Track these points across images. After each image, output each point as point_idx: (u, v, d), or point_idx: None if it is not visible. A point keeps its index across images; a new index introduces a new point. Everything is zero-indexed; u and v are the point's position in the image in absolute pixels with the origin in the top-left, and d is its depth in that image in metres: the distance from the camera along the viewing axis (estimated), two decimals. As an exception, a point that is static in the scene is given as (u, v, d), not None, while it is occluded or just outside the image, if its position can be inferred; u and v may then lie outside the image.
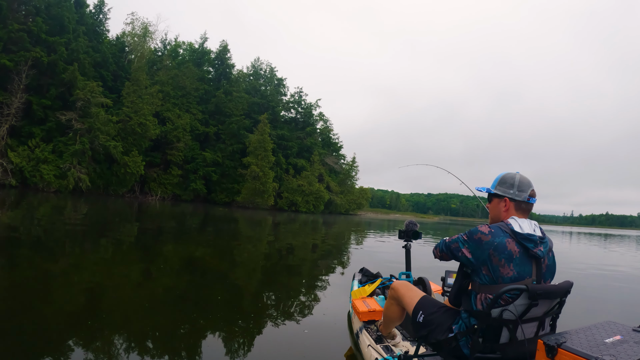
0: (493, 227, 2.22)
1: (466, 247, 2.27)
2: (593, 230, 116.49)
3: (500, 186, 2.40)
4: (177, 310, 4.74)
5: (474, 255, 2.22)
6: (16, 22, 35.18)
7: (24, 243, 8.49)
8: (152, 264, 7.79)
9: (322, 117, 67.92)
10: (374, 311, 3.70)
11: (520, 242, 2.15)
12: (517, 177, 2.37)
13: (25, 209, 17.32)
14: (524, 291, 2.03)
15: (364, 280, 4.86)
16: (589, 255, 19.29)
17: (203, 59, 59.13)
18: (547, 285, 2.15)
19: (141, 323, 4.22)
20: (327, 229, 23.90)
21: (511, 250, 2.13)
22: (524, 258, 2.15)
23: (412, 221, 4.32)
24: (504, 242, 2.13)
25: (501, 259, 2.12)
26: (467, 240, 2.27)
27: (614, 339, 1.84)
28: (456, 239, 2.36)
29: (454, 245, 2.36)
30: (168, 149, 47.61)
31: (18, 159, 34.40)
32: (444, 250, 2.46)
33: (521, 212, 2.34)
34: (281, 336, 4.11)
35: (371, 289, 4.34)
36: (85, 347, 3.37)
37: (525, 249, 2.16)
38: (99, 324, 3.94)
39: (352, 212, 68.63)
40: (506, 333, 2.12)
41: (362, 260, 9.87)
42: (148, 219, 19.73)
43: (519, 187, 2.34)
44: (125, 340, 3.63)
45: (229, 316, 4.71)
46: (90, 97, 37.28)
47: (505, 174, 2.43)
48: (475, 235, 2.22)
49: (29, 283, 5.32)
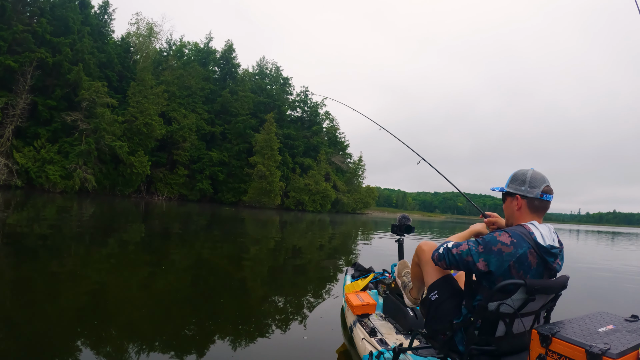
0: (514, 236, 2.03)
1: (482, 260, 2.04)
2: (600, 228, 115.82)
3: (512, 183, 2.25)
4: (183, 310, 4.78)
5: (493, 267, 2.02)
6: (21, 23, 35.03)
7: (30, 244, 8.44)
8: (158, 265, 7.71)
9: (328, 116, 67.61)
10: (367, 305, 3.71)
11: (541, 255, 2.04)
12: (529, 173, 2.21)
13: (31, 210, 17.16)
14: (521, 286, 1.96)
15: (356, 275, 4.93)
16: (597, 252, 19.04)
17: (208, 59, 58.84)
18: (544, 281, 2.07)
19: (147, 323, 4.25)
20: (334, 229, 23.69)
21: (531, 261, 2.02)
22: (539, 269, 2.06)
23: (404, 215, 4.27)
24: (526, 254, 2.01)
25: (520, 270, 2.01)
26: (484, 252, 2.04)
27: (606, 328, 1.85)
28: (467, 250, 2.11)
29: (468, 258, 2.10)
30: (174, 148, 47.41)
31: (24, 160, 34.25)
32: (452, 262, 2.18)
33: (534, 211, 2.18)
34: (280, 336, 4.11)
35: (364, 283, 4.43)
36: (91, 347, 3.39)
37: (543, 262, 2.06)
38: (105, 324, 3.97)
39: (359, 211, 68.21)
40: (502, 326, 2.07)
41: (368, 260, 9.81)
42: (154, 219, 19.60)
43: (531, 183, 2.17)
44: (130, 341, 3.65)
45: (232, 317, 4.68)
46: (96, 97, 37.09)
47: (517, 170, 2.28)
48: (495, 246, 2.02)
49: (36, 283, 5.36)
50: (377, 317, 3.82)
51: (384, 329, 3.53)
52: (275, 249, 11.56)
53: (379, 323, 3.66)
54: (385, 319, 3.82)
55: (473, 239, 2.17)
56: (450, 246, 2.21)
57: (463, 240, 2.25)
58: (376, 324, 3.62)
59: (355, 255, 11.25)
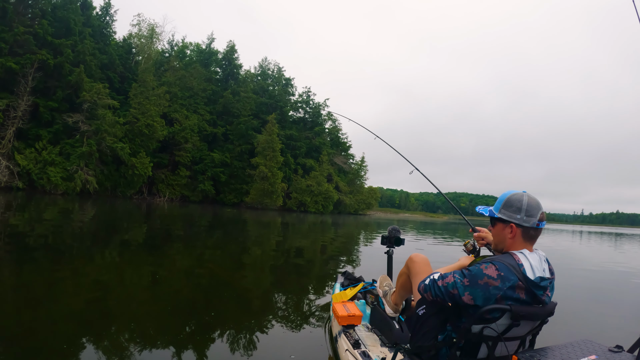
0: (501, 269, 1.95)
1: (468, 294, 1.99)
2: (603, 229, 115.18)
3: (505, 209, 2.12)
4: (185, 312, 4.77)
5: (478, 301, 1.96)
6: (22, 25, 34.91)
7: (32, 245, 8.40)
8: (160, 266, 7.66)
9: (330, 117, 67.35)
10: (353, 316, 3.64)
11: (529, 288, 1.96)
12: (525, 200, 2.08)
13: (33, 212, 17.04)
14: (506, 311, 1.92)
15: (346, 283, 4.85)
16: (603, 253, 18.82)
17: (210, 60, 58.74)
18: (530, 307, 1.98)
19: (148, 325, 4.23)
20: (336, 230, 23.51)
21: (518, 295, 1.95)
22: (527, 301, 1.99)
23: (395, 227, 4.26)
24: (514, 288, 1.94)
25: (507, 304, 1.93)
26: (469, 286, 1.99)
27: (588, 359, 1.82)
28: (453, 282, 2.05)
29: (453, 290, 2.05)
30: (176, 150, 47.31)
31: (25, 162, 34.15)
32: (438, 294, 2.14)
33: (529, 239, 2.10)
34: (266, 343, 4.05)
35: (352, 292, 4.34)
36: (94, 348, 3.40)
37: (532, 295, 1.98)
38: (107, 325, 4.01)
39: (362, 212, 68.09)
40: (484, 349, 2.03)
41: (368, 264, 9.82)
42: (156, 220, 19.45)
43: (527, 211, 2.06)
44: (132, 341, 3.65)
45: (229, 321, 4.66)
46: (97, 99, 36.98)
47: (510, 195, 2.13)
48: (481, 280, 1.96)
49: (37, 284, 5.35)
50: (363, 328, 3.74)
51: (369, 340, 3.46)
52: (276, 251, 11.44)
53: (364, 334, 3.60)
54: (371, 330, 3.74)
55: (459, 270, 2.09)
56: (437, 277, 2.16)
57: (450, 272, 2.16)
58: (361, 335, 3.57)
59: (354, 260, 11.07)
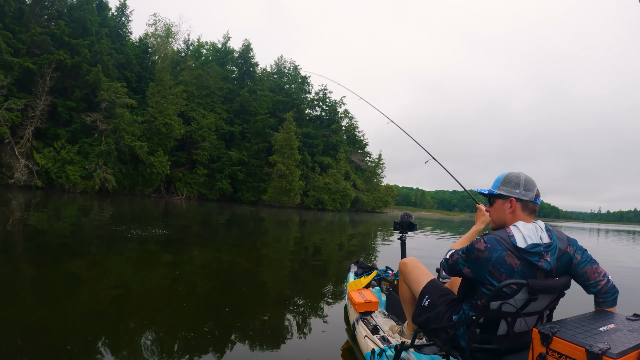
0: (489, 241, 2.03)
1: (466, 267, 2.13)
2: (621, 227, 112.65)
3: (504, 186, 2.24)
4: (203, 311, 4.77)
5: (474, 274, 2.08)
6: (39, 26, 35.10)
7: (51, 243, 8.42)
8: (178, 265, 7.54)
9: (347, 115, 66.77)
10: (370, 302, 3.73)
11: (521, 256, 1.99)
12: (522, 176, 2.22)
13: (52, 210, 16.90)
14: (524, 286, 1.96)
15: (359, 272, 4.93)
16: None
17: (226, 59, 58.47)
18: (546, 281, 2.02)
19: (167, 323, 4.20)
20: (354, 228, 23.11)
21: (511, 263, 1.99)
22: (526, 269, 2.00)
23: (407, 213, 4.31)
24: (502, 256, 2.00)
25: (501, 274, 1.99)
26: (467, 261, 2.11)
27: (607, 327, 1.83)
28: (457, 259, 2.19)
29: (456, 266, 2.20)
30: (193, 148, 47.18)
31: (44, 161, 34.30)
32: (450, 271, 2.29)
33: (528, 213, 2.18)
34: (286, 332, 4.14)
35: (367, 280, 4.40)
36: (112, 346, 3.39)
37: (528, 262, 2.00)
38: (125, 323, 4.03)
39: (378, 209, 67.36)
40: (504, 325, 2.08)
41: (381, 252, 9.94)
42: (174, 219, 19.20)
43: (525, 185, 2.19)
44: (151, 341, 3.62)
45: (247, 315, 4.71)
46: (115, 98, 36.96)
47: (507, 173, 2.28)
48: (473, 254, 2.07)
49: (57, 282, 5.41)
50: (379, 315, 3.81)
51: (387, 326, 3.50)
52: (295, 248, 11.21)
53: (381, 320, 3.67)
54: (388, 316, 3.83)
55: (463, 247, 2.18)
56: (448, 256, 2.29)
57: (461, 247, 2.25)
58: (379, 321, 3.63)
59: (370, 252, 10.72)
